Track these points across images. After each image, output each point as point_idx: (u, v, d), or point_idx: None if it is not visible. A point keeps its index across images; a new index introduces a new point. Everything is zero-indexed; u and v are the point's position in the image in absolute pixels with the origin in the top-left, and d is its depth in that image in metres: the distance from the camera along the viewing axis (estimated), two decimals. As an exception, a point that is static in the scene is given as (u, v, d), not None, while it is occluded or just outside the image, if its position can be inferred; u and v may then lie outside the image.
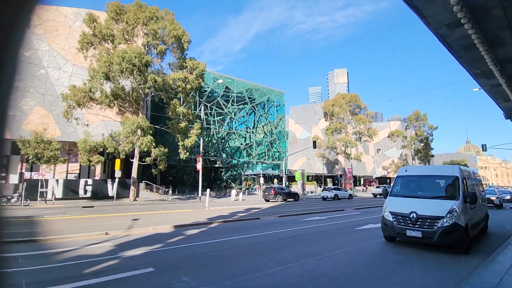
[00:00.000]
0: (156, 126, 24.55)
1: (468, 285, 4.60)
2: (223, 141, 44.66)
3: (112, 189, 23.53)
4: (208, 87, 39.45)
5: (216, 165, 44.91)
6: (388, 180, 67.74)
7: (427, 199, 7.67)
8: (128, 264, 6.10)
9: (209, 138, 43.77)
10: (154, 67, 24.44)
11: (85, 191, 23.16)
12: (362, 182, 65.33)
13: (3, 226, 0.77)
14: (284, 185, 37.02)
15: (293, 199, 27.19)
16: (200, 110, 32.30)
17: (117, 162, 21.59)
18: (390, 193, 8.69)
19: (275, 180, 36.45)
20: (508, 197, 25.53)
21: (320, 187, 50.82)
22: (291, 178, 54.30)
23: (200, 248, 7.66)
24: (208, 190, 19.44)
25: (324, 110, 48.79)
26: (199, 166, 26.55)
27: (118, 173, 21.50)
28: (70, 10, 26.36)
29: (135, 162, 23.20)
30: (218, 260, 6.48)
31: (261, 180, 31.18)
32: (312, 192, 46.26)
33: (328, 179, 59.44)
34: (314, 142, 33.40)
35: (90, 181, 23.94)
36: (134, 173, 23.27)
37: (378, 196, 34.45)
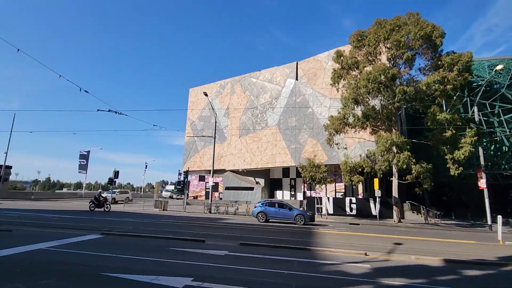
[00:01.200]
0: (414, 140, 22.20)
1: None
2: (521, 147, 31.38)
3: (374, 208, 23.72)
4: (483, 80, 30.24)
5: (514, 182, 32.04)
6: None
7: None
8: (383, 294, 5.57)
9: (496, 146, 32.63)
10: (403, 78, 22.83)
11: (351, 209, 25.14)
12: None
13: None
14: None
15: None
16: (473, 112, 25.21)
17: (376, 181, 21.64)
18: None
19: None
20: None
21: None
22: None
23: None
24: (499, 217, 14.04)
25: None
26: (481, 183, 20.25)
27: (378, 193, 21.42)
28: (323, 55, 31.83)
29: (394, 181, 22.05)
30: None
31: None
32: None
33: None
34: None
35: (354, 200, 25.75)
36: (394, 192, 22.09)
37: None
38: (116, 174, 24.94)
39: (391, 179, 22.55)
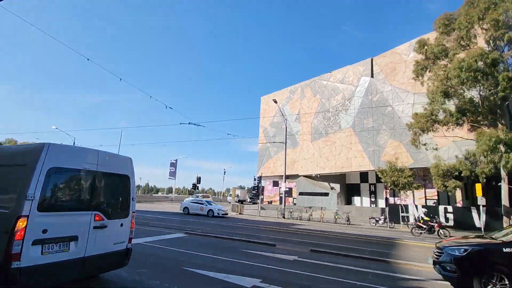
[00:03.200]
0: (530, 137, 17.86)
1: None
2: None
3: (478, 219, 19.87)
4: None
5: None
6: None
7: None
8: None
9: None
10: (509, 62, 18.78)
11: (447, 219, 21.57)
12: None
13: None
14: None
15: None
16: None
17: (478, 187, 18.12)
18: None
19: None
20: None
21: None
22: None
23: None
24: None
25: None
26: None
27: (481, 200, 17.89)
28: (402, 47, 28.74)
29: (504, 186, 18.10)
30: None
31: None
32: None
33: None
34: None
35: (450, 209, 22.05)
36: (504, 201, 18.07)
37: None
38: (199, 180, 27.60)
39: (499, 184, 18.62)
